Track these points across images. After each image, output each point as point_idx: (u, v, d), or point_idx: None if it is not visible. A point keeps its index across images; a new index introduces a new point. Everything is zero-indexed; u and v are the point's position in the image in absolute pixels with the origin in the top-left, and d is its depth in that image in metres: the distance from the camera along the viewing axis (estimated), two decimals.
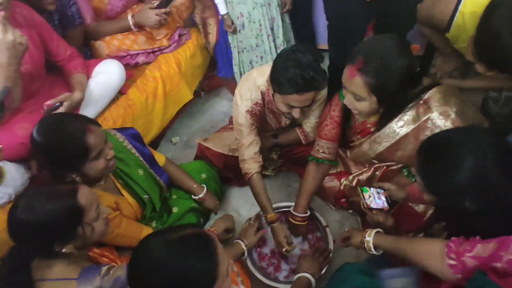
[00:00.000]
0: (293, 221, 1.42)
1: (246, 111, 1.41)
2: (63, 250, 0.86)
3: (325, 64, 1.73)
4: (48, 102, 1.33)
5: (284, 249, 1.35)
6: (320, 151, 1.36)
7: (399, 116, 1.13)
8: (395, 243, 1.02)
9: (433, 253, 0.84)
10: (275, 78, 1.20)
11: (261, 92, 1.39)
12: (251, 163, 1.42)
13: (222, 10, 1.84)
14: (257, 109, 1.42)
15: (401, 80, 1.03)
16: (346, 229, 1.28)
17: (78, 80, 1.45)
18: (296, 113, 1.27)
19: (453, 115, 1.04)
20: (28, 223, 0.84)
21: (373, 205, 1.19)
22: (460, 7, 1.07)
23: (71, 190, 0.89)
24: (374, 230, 1.11)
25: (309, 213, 1.44)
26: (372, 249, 1.09)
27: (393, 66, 1.00)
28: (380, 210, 1.20)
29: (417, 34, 2.00)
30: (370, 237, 1.08)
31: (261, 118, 1.47)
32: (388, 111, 1.14)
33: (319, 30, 2.26)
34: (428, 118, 1.07)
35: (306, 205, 1.41)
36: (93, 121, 1.11)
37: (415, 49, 1.08)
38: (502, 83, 1.19)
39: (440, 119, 1.06)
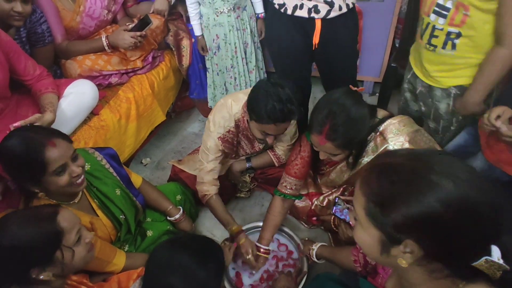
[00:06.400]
0: (258, 253, 1.45)
1: (218, 138, 1.45)
2: (41, 277, 0.82)
3: None
4: (16, 124, 1.26)
5: (248, 257, 1.39)
6: (288, 187, 1.42)
7: None
8: (330, 252, 1.30)
9: (348, 255, 1.13)
10: (254, 109, 1.25)
11: (235, 120, 1.45)
12: (209, 186, 1.49)
13: (197, 31, 1.91)
14: (230, 136, 1.47)
15: (364, 127, 1.14)
16: (306, 238, 1.46)
17: (49, 100, 1.40)
18: (270, 140, 1.35)
19: (406, 144, 1.14)
20: (3, 249, 0.80)
21: (342, 217, 1.33)
22: None
23: (50, 213, 0.87)
24: (319, 244, 1.35)
25: (271, 248, 1.48)
26: (314, 257, 1.33)
27: (356, 122, 1.10)
28: (349, 224, 1.30)
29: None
30: (315, 247, 1.34)
31: (233, 144, 1.52)
32: (358, 151, 1.24)
33: None
34: (385, 149, 1.16)
35: (270, 238, 1.46)
36: (62, 136, 1.07)
37: (361, 90, 1.19)
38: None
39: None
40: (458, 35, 1.16)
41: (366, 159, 1.23)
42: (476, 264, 0.57)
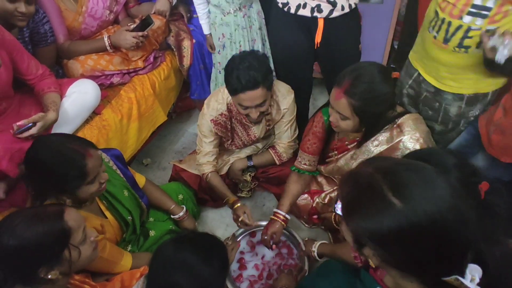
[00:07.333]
0: (275, 218, 1.47)
1: (210, 120, 1.52)
2: (49, 276, 0.83)
3: None
4: (20, 123, 1.27)
5: (240, 219, 1.46)
6: (302, 162, 1.48)
7: (375, 136, 1.24)
8: (331, 249, 1.34)
9: (348, 251, 1.17)
10: (226, 86, 1.36)
11: (228, 104, 1.51)
12: (206, 166, 1.61)
13: (206, 30, 1.92)
14: (222, 119, 1.54)
15: (382, 105, 1.15)
16: (307, 238, 1.49)
17: (52, 99, 1.40)
18: (252, 114, 1.39)
19: (421, 140, 1.17)
20: (10, 248, 0.80)
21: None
22: None
23: (57, 212, 0.87)
24: (319, 242, 1.39)
25: (290, 218, 1.50)
26: (317, 257, 1.37)
27: (377, 92, 1.11)
28: None
29: None
30: (315, 248, 1.38)
31: (226, 128, 1.58)
32: (368, 132, 1.25)
33: None
34: (400, 140, 1.19)
35: (288, 205, 1.49)
36: (92, 144, 1.09)
37: (397, 75, 1.19)
38: None
39: (410, 142, 1.18)
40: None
41: (379, 148, 1.24)
42: (447, 279, 0.56)
